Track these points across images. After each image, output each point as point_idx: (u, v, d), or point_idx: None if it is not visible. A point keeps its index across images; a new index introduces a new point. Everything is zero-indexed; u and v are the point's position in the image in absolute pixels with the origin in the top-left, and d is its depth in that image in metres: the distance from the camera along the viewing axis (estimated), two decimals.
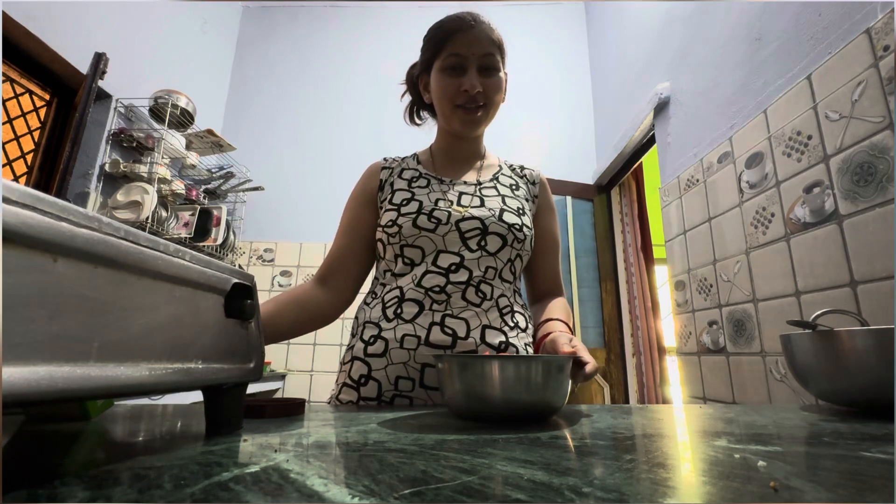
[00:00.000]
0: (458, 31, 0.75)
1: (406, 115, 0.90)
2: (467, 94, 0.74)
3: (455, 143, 0.84)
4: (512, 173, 0.86)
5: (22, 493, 0.20)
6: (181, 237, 2.30)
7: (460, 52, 0.74)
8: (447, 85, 0.76)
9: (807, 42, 1.15)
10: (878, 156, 0.94)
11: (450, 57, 0.75)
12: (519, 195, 0.82)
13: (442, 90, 0.76)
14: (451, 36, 0.75)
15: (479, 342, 0.69)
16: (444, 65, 0.76)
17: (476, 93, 0.74)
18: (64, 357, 0.21)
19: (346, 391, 0.72)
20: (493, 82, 0.76)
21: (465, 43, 0.74)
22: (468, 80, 0.74)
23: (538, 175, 0.88)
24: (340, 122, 3.10)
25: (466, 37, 0.75)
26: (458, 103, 0.76)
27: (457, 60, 0.75)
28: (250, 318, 0.38)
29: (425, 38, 0.80)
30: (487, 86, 0.75)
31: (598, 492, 0.21)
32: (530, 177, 0.87)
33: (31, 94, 1.93)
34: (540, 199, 0.86)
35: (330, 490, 0.21)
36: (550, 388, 0.43)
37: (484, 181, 0.82)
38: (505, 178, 0.84)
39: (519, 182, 0.85)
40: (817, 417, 0.48)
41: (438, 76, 0.77)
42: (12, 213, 0.19)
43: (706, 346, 1.52)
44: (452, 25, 0.76)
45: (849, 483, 0.23)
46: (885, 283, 0.91)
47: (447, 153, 0.85)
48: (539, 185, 0.87)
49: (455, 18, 0.77)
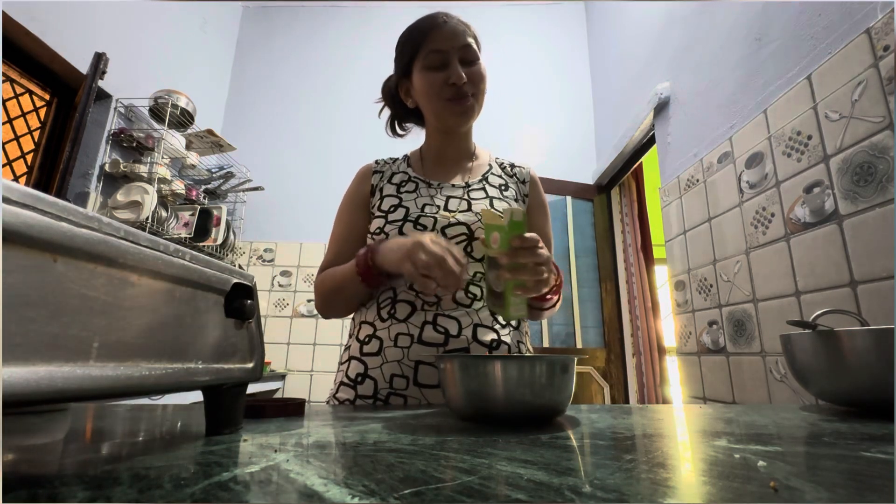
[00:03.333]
0: (433, 29, 0.76)
1: (388, 129, 0.91)
2: (455, 87, 0.75)
3: (445, 142, 0.84)
4: (502, 172, 0.86)
5: (22, 493, 0.20)
6: (181, 237, 2.30)
7: (440, 48, 0.75)
8: (433, 81, 0.76)
9: (807, 42, 1.15)
10: (878, 156, 0.94)
11: (430, 54, 0.75)
12: (508, 196, 0.82)
13: (428, 86, 0.77)
14: (427, 34, 0.76)
15: (471, 340, 0.70)
16: (426, 63, 0.76)
17: (463, 84, 0.75)
18: (64, 357, 0.21)
19: (344, 390, 0.73)
20: (477, 71, 0.77)
21: (442, 38, 0.75)
22: (453, 72, 0.74)
23: (528, 173, 0.87)
24: (340, 122, 3.10)
25: (443, 32, 0.75)
26: (447, 97, 0.76)
27: (438, 56, 0.75)
28: (250, 318, 0.38)
29: (400, 44, 0.80)
30: (472, 76, 0.76)
31: (598, 492, 0.21)
32: (520, 175, 0.87)
33: (31, 94, 1.93)
34: (531, 197, 0.86)
35: (330, 490, 0.21)
36: (555, 390, 0.43)
37: (472, 183, 0.82)
38: (494, 179, 0.84)
39: (508, 182, 0.85)
40: (817, 417, 0.48)
41: (422, 75, 0.77)
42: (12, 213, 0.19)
43: (706, 346, 1.52)
44: (426, 24, 0.77)
45: (849, 483, 0.23)
46: (885, 283, 0.91)
47: (437, 153, 0.85)
48: (529, 183, 0.87)
49: (426, 18, 0.78)
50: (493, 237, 0.63)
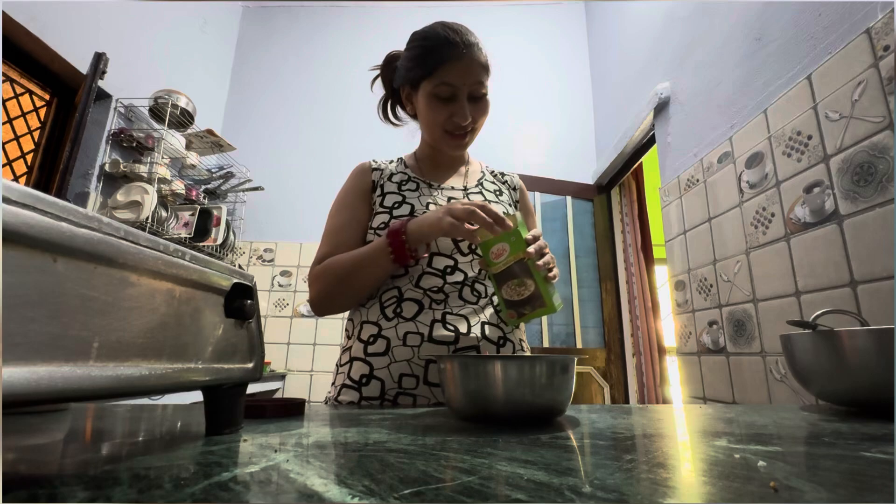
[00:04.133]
0: (450, 60, 0.73)
1: (379, 111, 0.88)
2: (457, 124, 0.76)
3: (439, 152, 0.86)
4: (494, 179, 0.90)
5: (22, 493, 0.20)
6: (181, 237, 2.30)
7: (453, 82, 0.73)
8: (438, 112, 0.76)
9: (807, 42, 1.15)
10: (878, 156, 0.94)
11: (441, 85, 0.74)
12: (503, 200, 0.86)
13: (433, 117, 0.77)
14: (443, 62, 0.73)
15: (481, 337, 0.71)
16: (434, 92, 0.75)
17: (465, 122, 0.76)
18: (64, 357, 0.21)
19: (347, 392, 0.72)
20: (481, 108, 0.78)
21: (456, 73, 0.73)
22: (460, 110, 0.75)
23: (517, 181, 0.92)
24: (340, 122, 3.10)
25: (458, 66, 0.73)
26: (448, 129, 0.77)
27: (448, 89, 0.74)
28: (250, 318, 0.38)
29: (413, 53, 0.77)
30: (476, 112, 0.77)
31: (598, 492, 0.21)
32: (511, 183, 0.91)
33: (31, 94, 1.93)
34: (521, 204, 0.91)
35: (330, 490, 0.21)
36: (555, 390, 0.43)
37: (470, 187, 0.85)
38: (489, 184, 0.87)
39: (502, 188, 0.89)
40: (817, 417, 0.48)
41: (429, 101, 0.76)
42: (12, 213, 0.19)
43: (706, 346, 1.52)
44: (445, 50, 0.73)
45: (849, 483, 0.23)
46: (885, 283, 0.91)
47: (432, 159, 0.88)
48: (519, 190, 0.92)
49: (446, 43, 0.73)
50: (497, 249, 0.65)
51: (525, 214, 0.90)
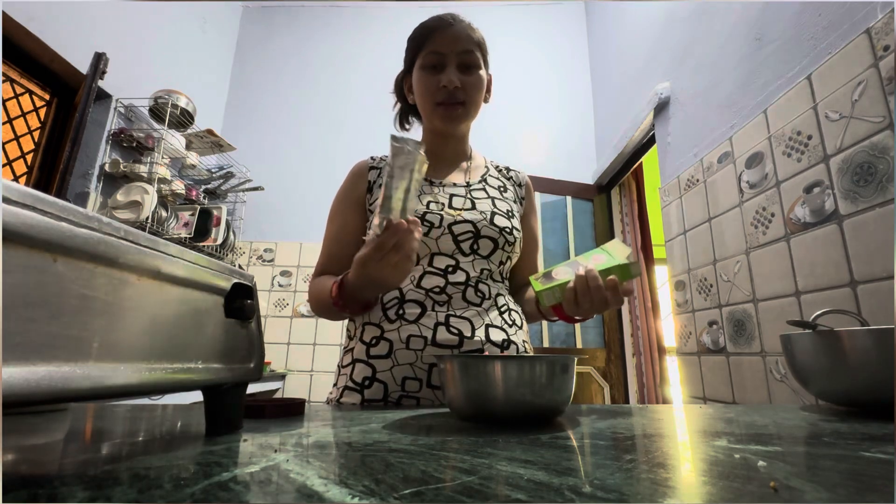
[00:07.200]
0: (436, 30, 0.76)
1: (395, 123, 0.91)
2: (446, 91, 0.75)
3: (440, 142, 0.84)
4: (499, 175, 0.88)
5: (22, 494, 0.20)
6: (181, 237, 2.30)
7: (439, 50, 0.75)
8: (427, 82, 0.76)
9: (807, 42, 1.15)
10: (878, 156, 0.94)
11: (429, 55, 0.76)
12: (507, 197, 0.83)
13: (423, 87, 0.77)
14: (430, 34, 0.76)
15: (485, 340, 0.70)
16: (423, 63, 0.77)
17: (455, 89, 0.75)
18: (64, 357, 0.21)
19: (349, 394, 0.71)
20: (473, 80, 0.77)
21: (443, 40, 0.75)
22: (446, 76, 0.75)
23: (524, 178, 0.90)
24: (340, 121, 3.10)
25: (445, 34, 0.75)
26: (439, 100, 0.76)
27: (436, 58, 0.75)
28: (250, 318, 0.38)
29: (408, 41, 0.81)
30: (467, 83, 0.76)
31: (598, 492, 0.21)
32: (517, 179, 0.89)
33: (31, 94, 1.93)
34: (526, 201, 0.89)
35: (330, 490, 0.21)
36: (555, 390, 0.43)
37: (473, 183, 0.83)
38: (493, 180, 0.85)
39: (507, 184, 0.87)
40: (817, 417, 0.48)
41: (418, 74, 0.78)
42: (12, 213, 0.19)
43: (706, 346, 1.52)
44: (432, 24, 0.77)
45: (849, 483, 0.23)
46: (885, 283, 0.91)
47: (433, 153, 0.85)
48: (525, 187, 0.89)
49: (434, 18, 0.78)
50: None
51: (531, 212, 0.88)
